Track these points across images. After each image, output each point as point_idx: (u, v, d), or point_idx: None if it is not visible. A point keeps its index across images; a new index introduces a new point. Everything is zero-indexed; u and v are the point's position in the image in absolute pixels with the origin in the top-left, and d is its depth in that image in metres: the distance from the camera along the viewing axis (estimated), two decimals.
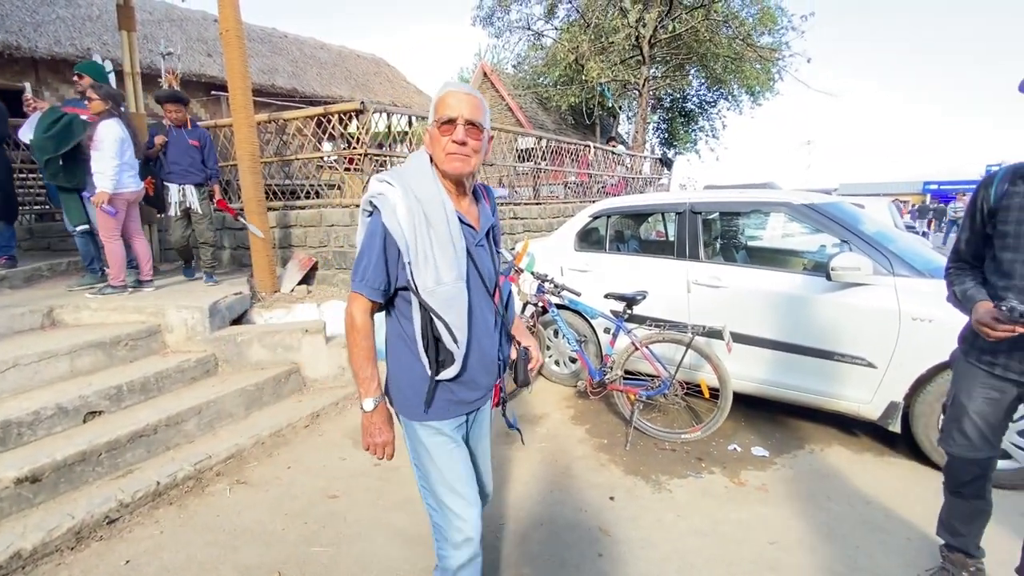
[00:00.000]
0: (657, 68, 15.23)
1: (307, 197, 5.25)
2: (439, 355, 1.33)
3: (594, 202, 5.02)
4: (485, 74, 17.42)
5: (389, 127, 5.18)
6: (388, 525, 2.38)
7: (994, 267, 1.66)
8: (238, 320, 4.08)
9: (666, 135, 19.55)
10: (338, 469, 2.87)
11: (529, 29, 16.20)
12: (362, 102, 4.54)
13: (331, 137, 5.18)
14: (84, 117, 4.04)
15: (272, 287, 4.56)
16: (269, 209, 5.14)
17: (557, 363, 4.20)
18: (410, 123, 5.65)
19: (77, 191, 4.22)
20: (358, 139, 4.67)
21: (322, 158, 5.68)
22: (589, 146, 8.98)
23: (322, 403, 3.54)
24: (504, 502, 2.55)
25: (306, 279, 4.77)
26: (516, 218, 6.34)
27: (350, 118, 4.76)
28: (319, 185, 5.23)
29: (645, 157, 12.24)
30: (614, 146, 10.73)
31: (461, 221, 1.33)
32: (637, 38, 13.35)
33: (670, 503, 2.54)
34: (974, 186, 1.75)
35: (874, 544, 2.20)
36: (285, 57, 13.39)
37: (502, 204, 6.45)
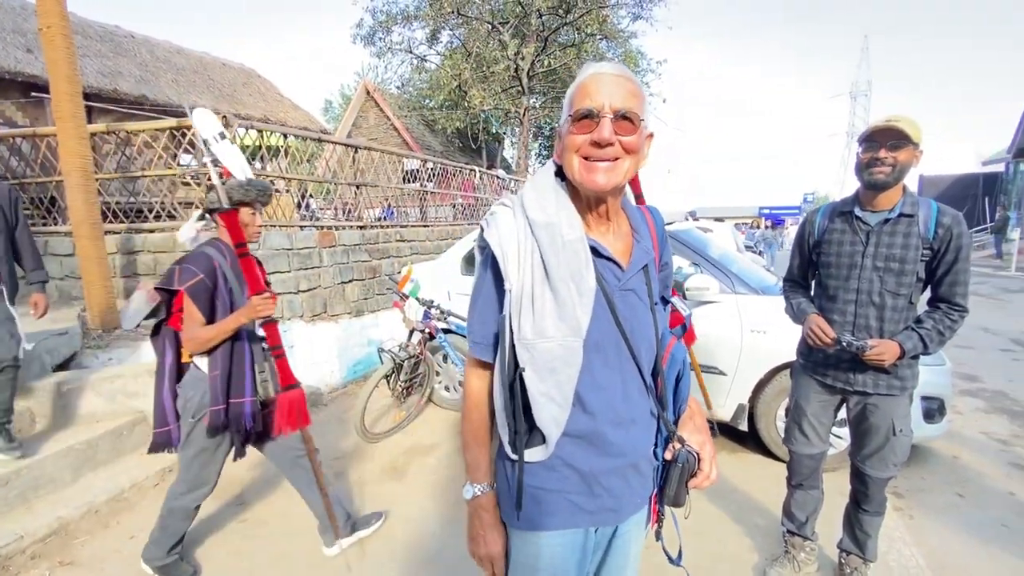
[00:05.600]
0: (536, 99, 16.10)
1: (158, 218, 4.64)
2: (521, 424, 0.96)
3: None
4: (368, 92, 17.04)
5: (262, 142, 4.79)
6: None
7: (821, 291, 1.97)
8: (64, 365, 3.44)
9: (548, 160, 20.65)
10: (195, 531, 2.51)
11: (411, 52, 16.24)
12: (224, 116, 4.16)
13: (186, 151, 4.67)
14: None
15: (111, 323, 3.93)
16: (109, 232, 4.47)
17: (447, 389, 4.14)
18: (285, 138, 5.29)
19: None
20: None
21: (178, 174, 5.08)
22: (474, 170, 9.16)
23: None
24: (393, 541, 2.42)
25: (156, 312, 4.19)
26: (403, 240, 6.21)
27: None
28: (173, 205, 4.65)
29: None
30: (495, 171, 11.09)
31: (596, 253, 0.96)
32: (516, 69, 14.03)
33: None
34: (796, 210, 2.07)
35: (732, 535, 2.46)
36: (132, 60, 11.88)
37: (387, 226, 6.28)
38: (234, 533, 2.50)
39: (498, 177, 10.41)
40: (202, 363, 2.02)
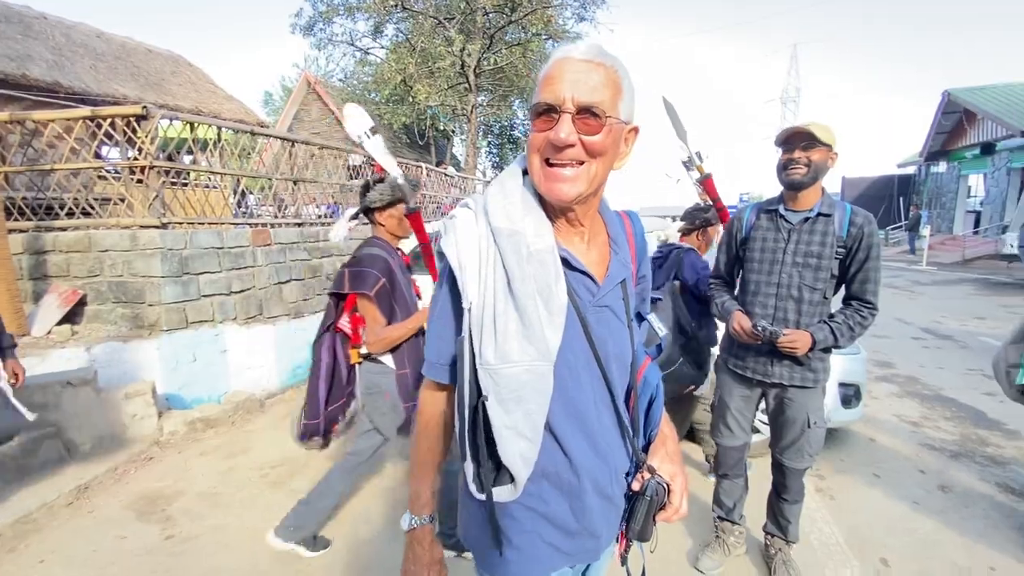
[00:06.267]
0: (484, 96, 16.04)
1: (71, 215, 4.27)
2: (486, 460, 0.83)
3: (428, 223, 5.03)
4: (309, 84, 16.42)
5: (193, 134, 4.50)
6: None
7: (744, 286, 2.06)
8: None
9: (497, 159, 20.67)
10: (114, 552, 2.34)
11: (353, 45, 15.79)
12: (145, 107, 3.88)
13: (103, 143, 4.33)
14: None
15: (19, 330, 3.59)
16: (14, 231, 4.08)
17: None
18: (218, 130, 4.99)
19: None
20: (141, 149, 3.96)
21: (96, 168, 4.69)
22: (421, 167, 9.02)
23: (93, 471, 2.88)
24: (334, 551, 2.34)
25: (70, 317, 3.87)
26: (348, 239, 6.03)
27: (128, 124, 4.03)
28: (88, 201, 4.29)
29: (478, 180, 12.75)
30: (444, 168, 10.98)
31: (568, 265, 0.85)
32: (463, 66, 13.91)
33: None
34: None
35: (664, 526, 2.54)
36: (44, 43, 10.86)
37: (329, 223, 6.08)
38: (158, 552, 2.34)
39: (446, 174, 10.31)
40: (385, 358, 2.07)
